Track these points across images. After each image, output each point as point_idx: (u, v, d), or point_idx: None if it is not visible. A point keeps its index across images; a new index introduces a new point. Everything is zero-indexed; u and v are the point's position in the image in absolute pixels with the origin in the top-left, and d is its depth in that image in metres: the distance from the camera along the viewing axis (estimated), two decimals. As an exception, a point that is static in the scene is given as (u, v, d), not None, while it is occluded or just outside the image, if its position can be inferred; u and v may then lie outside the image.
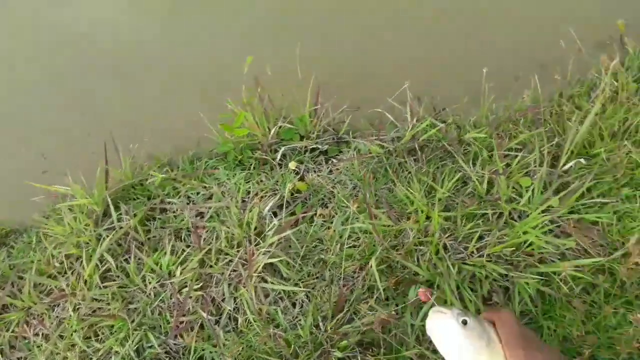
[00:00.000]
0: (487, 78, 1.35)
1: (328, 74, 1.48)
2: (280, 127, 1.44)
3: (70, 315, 1.19)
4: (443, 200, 1.19)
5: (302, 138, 1.44)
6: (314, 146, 1.42)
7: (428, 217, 1.16)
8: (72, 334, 1.17)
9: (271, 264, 1.16)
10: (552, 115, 1.44)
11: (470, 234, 1.11)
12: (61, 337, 1.19)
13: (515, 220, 1.14)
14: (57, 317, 1.23)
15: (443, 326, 0.78)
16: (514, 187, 1.20)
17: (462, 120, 1.42)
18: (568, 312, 1.01)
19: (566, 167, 1.23)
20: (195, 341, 1.11)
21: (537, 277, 1.04)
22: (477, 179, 1.22)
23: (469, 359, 0.74)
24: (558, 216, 1.12)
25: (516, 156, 1.25)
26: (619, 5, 1.79)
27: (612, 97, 1.46)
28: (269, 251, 1.15)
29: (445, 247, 1.12)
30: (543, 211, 1.11)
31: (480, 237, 1.11)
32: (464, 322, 0.76)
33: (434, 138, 1.35)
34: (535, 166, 1.23)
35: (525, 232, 1.08)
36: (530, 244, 1.08)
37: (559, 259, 1.07)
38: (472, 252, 1.09)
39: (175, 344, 1.15)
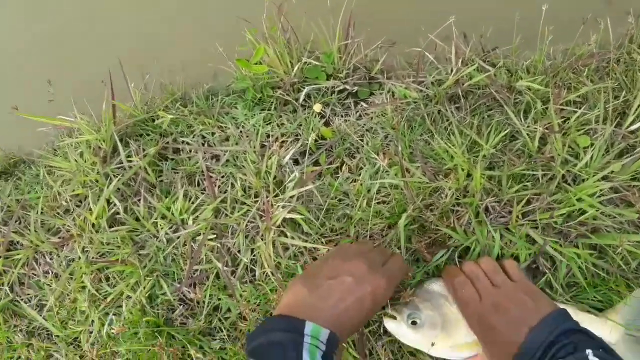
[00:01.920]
0: (547, 17, 1.15)
1: (361, 3, 1.28)
2: (305, 63, 1.27)
3: (79, 257, 1.14)
4: (487, 157, 1.06)
5: (329, 77, 1.28)
6: (342, 87, 1.26)
7: (469, 175, 1.03)
8: (81, 276, 1.12)
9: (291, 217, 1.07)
10: (619, 64, 1.24)
11: (516, 196, 0.99)
12: (71, 277, 1.15)
13: (570, 185, 1.01)
14: (66, 257, 1.18)
15: (396, 333, 0.81)
16: (570, 147, 1.05)
17: (514, 63, 1.23)
18: (622, 289, 0.91)
19: (633, 127, 1.07)
20: (210, 290, 1.06)
21: (588, 249, 0.93)
22: (528, 135, 1.07)
23: (432, 353, 0.78)
24: (619, 184, 0.99)
25: (575, 111, 1.09)
26: None
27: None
28: (289, 204, 1.05)
29: (487, 210, 1.00)
30: (602, 177, 0.98)
31: (528, 202, 0.99)
32: (414, 323, 0.78)
33: (480, 84, 1.18)
34: (597, 124, 1.07)
35: (579, 199, 0.96)
36: (583, 212, 0.96)
37: (615, 230, 0.95)
38: (517, 216, 0.98)
39: (189, 292, 1.10)
